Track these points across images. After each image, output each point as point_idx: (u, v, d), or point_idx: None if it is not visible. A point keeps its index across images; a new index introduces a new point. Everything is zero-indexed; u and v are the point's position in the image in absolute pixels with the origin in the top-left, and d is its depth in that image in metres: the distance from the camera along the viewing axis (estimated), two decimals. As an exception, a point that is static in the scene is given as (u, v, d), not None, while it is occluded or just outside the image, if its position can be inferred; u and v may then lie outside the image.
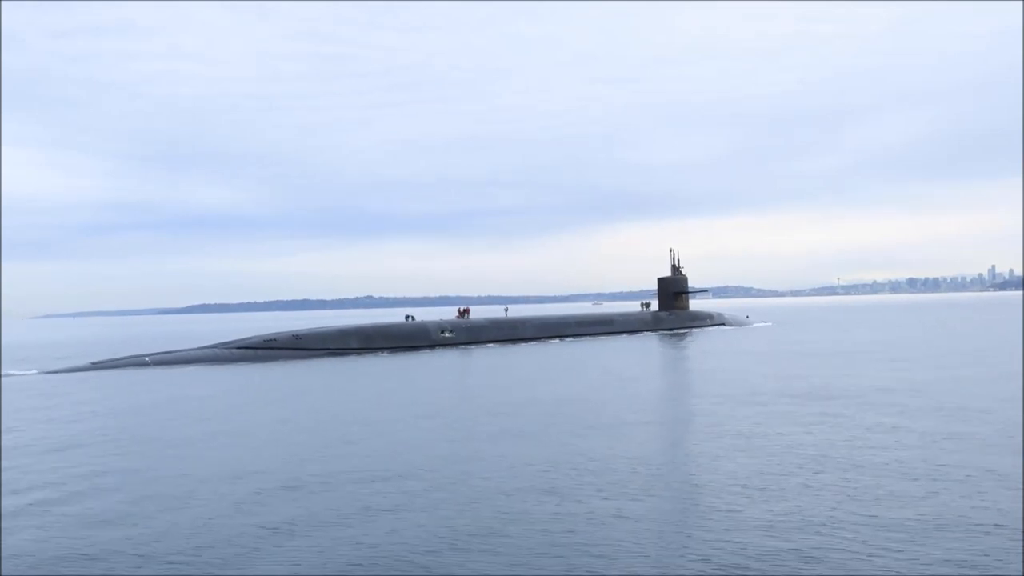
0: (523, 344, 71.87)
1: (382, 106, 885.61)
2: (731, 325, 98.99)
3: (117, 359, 56.52)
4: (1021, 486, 15.17)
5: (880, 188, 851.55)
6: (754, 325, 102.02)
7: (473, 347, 68.65)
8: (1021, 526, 12.68)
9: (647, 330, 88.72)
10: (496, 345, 70.57)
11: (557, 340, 76.96)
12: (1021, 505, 13.87)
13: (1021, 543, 11.87)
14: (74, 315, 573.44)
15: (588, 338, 79.32)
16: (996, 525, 12.80)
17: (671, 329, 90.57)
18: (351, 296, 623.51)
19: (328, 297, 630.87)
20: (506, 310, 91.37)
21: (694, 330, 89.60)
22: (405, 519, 14.21)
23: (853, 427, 22.46)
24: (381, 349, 64.86)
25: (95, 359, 58.13)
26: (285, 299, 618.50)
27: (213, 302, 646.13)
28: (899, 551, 11.66)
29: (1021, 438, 19.98)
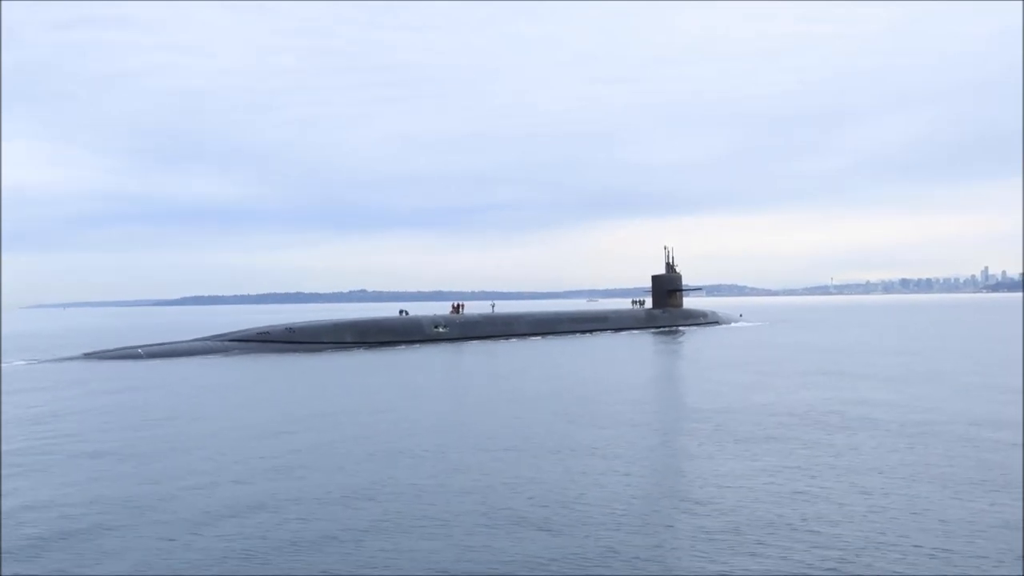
0: (517, 340, 71.90)
1: (380, 102, 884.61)
2: (724, 323, 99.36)
3: (109, 350, 56.38)
4: (1021, 486, 15.17)
5: (875, 189, 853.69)
6: (745, 324, 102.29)
7: (466, 342, 68.67)
8: (1021, 526, 12.67)
9: (641, 327, 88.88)
10: (490, 341, 70.58)
11: (551, 337, 77.04)
12: (1021, 505, 13.86)
13: (1021, 543, 11.86)
14: (64, 305, 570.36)
15: (582, 335, 79.44)
16: (996, 526, 12.79)
17: (664, 327, 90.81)
18: (345, 290, 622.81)
19: (322, 291, 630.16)
20: (493, 306, 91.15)
21: (687, 328, 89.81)
22: (398, 518, 14.24)
23: (842, 432, 22.57)
24: (375, 343, 64.84)
25: (86, 350, 58.03)
26: (279, 292, 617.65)
27: (206, 294, 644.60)
28: (898, 551, 11.68)
29: (1021, 439, 20.11)
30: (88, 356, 54.42)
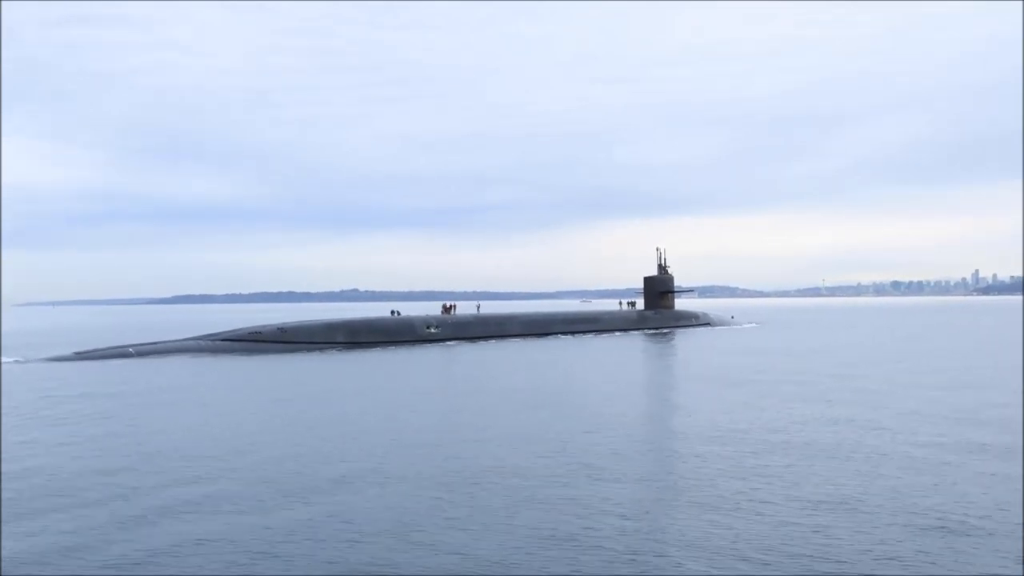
0: (509, 341, 71.97)
1: (377, 102, 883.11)
2: (716, 325, 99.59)
3: (101, 349, 56.23)
4: (1021, 486, 15.26)
5: (868, 191, 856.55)
6: (736, 326, 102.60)
7: (458, 343, 68.72)
8: (1021, 526, 12.74)
9: (632, 329, 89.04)
10: (482, 342, 70.64)
11: (543, 338, 77.13)
12: (1021, 505, 13.93)
13: (1021, 543, 11.93)
14: (53, 303, 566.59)
15: (574, 336, 79.55)
16: (996, 526, 12.89)
17: (656, 328, 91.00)
18: (337, 289, 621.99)
19: (314, 290, 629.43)
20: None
21: (678, 330, 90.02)
22: (388, 516, 14.32)
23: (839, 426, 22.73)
24: (366, 344, 64.84)
25: (76, 348, 57.85)
26: (271, 291, 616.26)
27: (198, 293, 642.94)
28: (897, 550, 11.81)
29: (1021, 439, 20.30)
30: (79, 355, 54.26)
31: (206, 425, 25.30)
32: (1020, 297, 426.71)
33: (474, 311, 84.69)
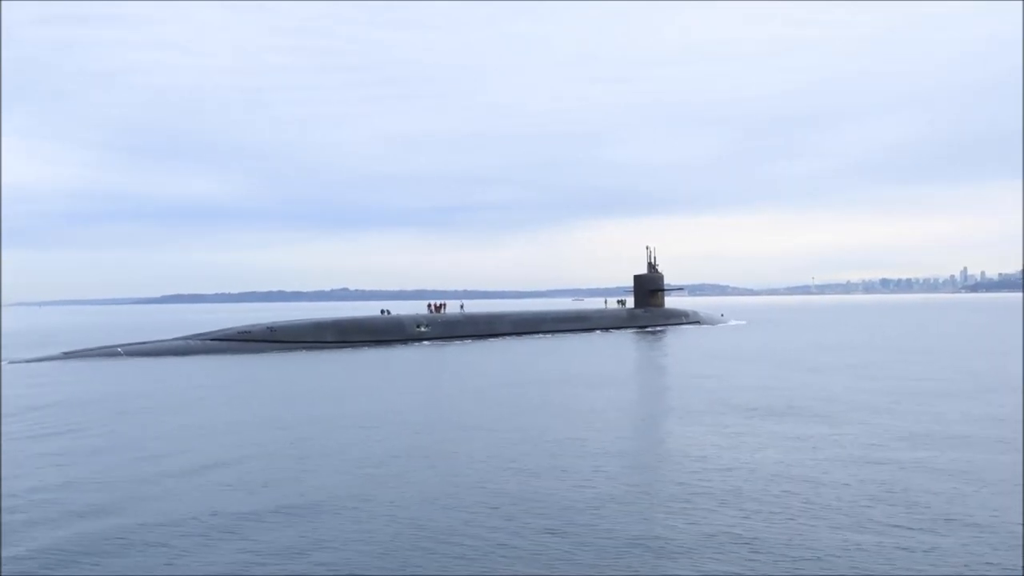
0: (499, 340, 72.06)
1: (370, 101, 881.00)
2: (705, 323, 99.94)
3: (89, 349, 56.03)
4: (1021, 485, 15.33)
5: (857, 191, 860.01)
6: (730, 323, 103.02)
7: (448, 342, 68.74)
8: (1021, 526, 12.77)
9: (623, 327, 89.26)
10: (472, 341, 70.68)
11: (534, 336, 77.21)
12: (1021, 505, 13.97)
13: (1021, 543, 11.95)
14: (40, 303, 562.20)
15: (564, 334, 79.64)
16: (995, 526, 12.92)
17: (646, 326, 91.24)
18: (327, 288, 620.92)
19: (303, 289, 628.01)
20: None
21: (668, 328, 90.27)
22: (379, 515, 14.37)
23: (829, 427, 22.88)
24: (356, 343, 64.81)
25: (65, 348, 57.62)
26: (260, 290, 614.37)
27: (187, 292, 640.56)
28: (895, 550, 11.83)
29: None
30: (68, 355, 54.05)
31: (194, 425, 25.28)
32: (1008, 294, 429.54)
33: (457, 311, 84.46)
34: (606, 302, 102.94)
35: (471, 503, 14.99)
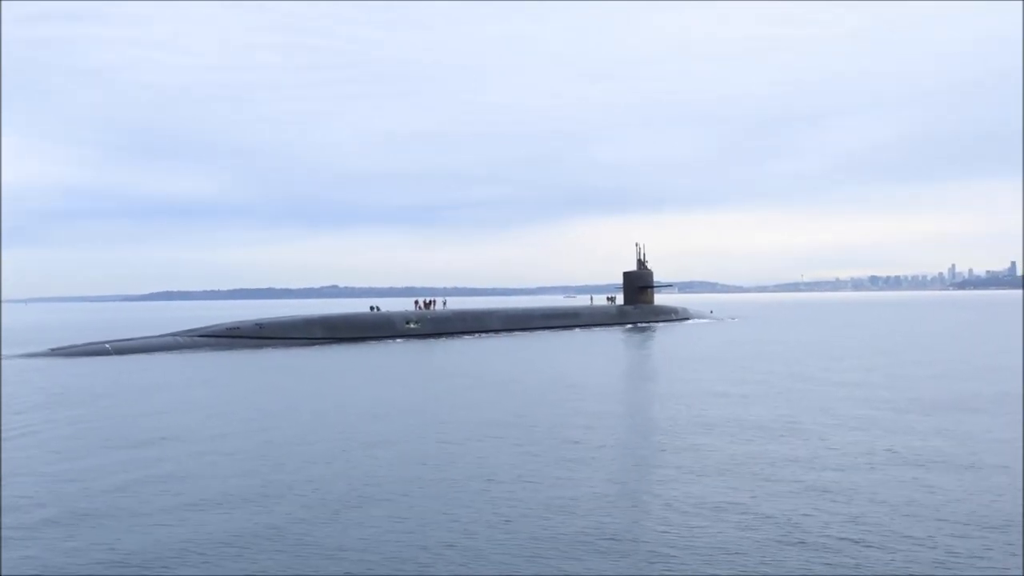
0: (489, 336, 72.09)
1: (356, 99, 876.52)
2: (694, 319, 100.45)
3: (77, 346, 55.77)
4: (1021, 485, 15.31)
5: (847, 188, 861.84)
6: (713, 320, 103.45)
7: (437, 339, 68.74)
8: (1021, 526, 12.73)
9: (612, 323, 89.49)
10: (461, 337, 70.67)
11: (524, 333, 77.24)
12: (1021, 505, 13.94)
13: (1021, 543, 11.90)
14: (26, 301, 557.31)
15: (554, 330, 79.72)
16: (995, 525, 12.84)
17: (636, 323, 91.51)
18: (316, 285, 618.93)
19: (293, 286, 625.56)
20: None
21: (657, 324, 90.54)
22: (370, 514, 14.38)
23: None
24: (345, 339, 64.73)
25: (52, 345, 57.29)
26: (249, 287, 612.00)
27: (175, 289, 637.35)
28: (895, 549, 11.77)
29: None
30: (55, 352, 53.77)
31: (182, 421, 25.23)
32: (996, 291, 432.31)
33: (468, 307, 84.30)
34: (591, 299, 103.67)
35: (451, 501, 15.03)
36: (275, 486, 16.02)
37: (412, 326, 70.82)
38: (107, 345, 55.62)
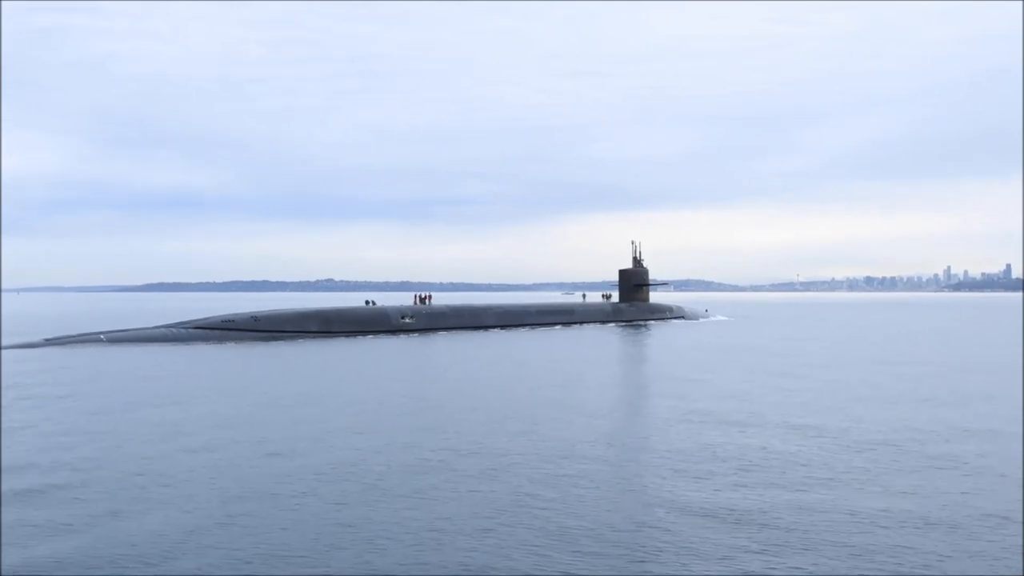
0: (484, 332, 72.15)
1: (352, 93, 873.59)
2: (689, 318, 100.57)
3: (70, 336, 55.73)
4: (1021, 485, 15.35)
5: (842, 187, 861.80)
6: (714, 318, 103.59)
7: (432, 334, 68.79)
8: (1021, 526, 12.74)
9: (607, 321, 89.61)
10: (456, 332, 70.71)
11: (518, 329, 77.30)
12: (1021, 505, 13.95)
13: (1021, 543, 11.91)
14: (19, 290, 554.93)
15: (548, 327, 79.81)
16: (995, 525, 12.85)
17: (630, 320, 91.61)
18: (312, 279, 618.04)
19: (288, 279, 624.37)
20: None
21: (652, 322, 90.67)
22: (362, 513, 14.43)
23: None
24: (340, 333, 64.75)
25: (46, 335, 57.25)
26: (245, 280, 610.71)
27: (171, 281, 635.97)
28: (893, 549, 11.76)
29: None
30: (49, 341, 53.73)
31: (173, 413, 25.24)
32: (990, 294, 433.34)
33: (461, 302, 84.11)
34: (584, 296, 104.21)
35: (446, 498, 15.10)
36: (261, 481, 16.07)
37: (407, 321, 70.85)
38: (101, 335, 55.58)
